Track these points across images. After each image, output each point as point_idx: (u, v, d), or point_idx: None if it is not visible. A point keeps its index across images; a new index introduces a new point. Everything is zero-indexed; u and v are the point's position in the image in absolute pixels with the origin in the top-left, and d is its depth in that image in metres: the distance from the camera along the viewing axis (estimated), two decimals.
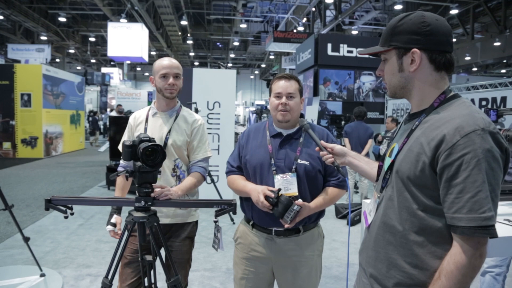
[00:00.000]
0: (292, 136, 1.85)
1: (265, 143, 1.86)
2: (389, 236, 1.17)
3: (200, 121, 2.17)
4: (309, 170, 1.80)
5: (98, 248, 4.13)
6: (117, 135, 7.28)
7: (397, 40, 1.16)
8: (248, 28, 24.73)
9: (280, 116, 1.82)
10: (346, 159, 1.51)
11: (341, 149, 1.53)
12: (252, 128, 1.98)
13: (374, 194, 1.32)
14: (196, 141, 2.11)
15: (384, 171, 1.26)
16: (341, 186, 1.84)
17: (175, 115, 2.11)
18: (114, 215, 2.06)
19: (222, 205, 1.73)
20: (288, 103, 1.80)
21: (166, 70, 2.01)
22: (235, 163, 1.94)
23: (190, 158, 2.12)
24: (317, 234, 1.92)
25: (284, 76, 1.86)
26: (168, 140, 2.04)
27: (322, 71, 12.19)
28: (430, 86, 1.17)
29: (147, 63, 27.80)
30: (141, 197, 1.69)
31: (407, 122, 1.25)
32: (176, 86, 2.06)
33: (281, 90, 1.81)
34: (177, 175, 2.08)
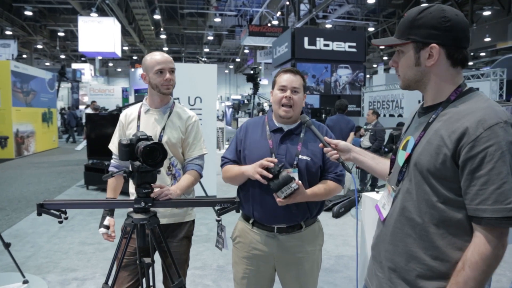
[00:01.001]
0: (292, 131, 1.82)
1: (265, 137, 1.83)
2: (408, 229, 1.16)
3: (195, 117, 2.11)
4: (310, 165, 1.78)
5: (82, 251, 3.98)
6: (94, 133, 7.03)
7: (416, 33, 1.14)
8: (222, 22, 24.50)
9: (282, 112, 1.78)
10: (351, 155, 1.50)
11: (346, 145, 1.51)
12: (251, 122, 1.94)
13: (388, 188, 1.30)
14: (191, 138, 2.05)
15: (399, 164, 1.25)
16: (339, 181, 1.82)
17: (168, 112, 2.04)
18: (107, 217, 1.97)
19: (224, 203, 1.67)
20: (293, 97, 1.77)
21: (162, 66, 1.93)
22: (231, 156, 1.89)
23: (185, 155, 2.06)
24: (318, 229, 1.91)
25: (290, 70, 1.82)
26: (162, 137, 1.97)
27: (299, 64, 12.24)
28: (446, 81, 1.16)
29: (119, 59, 27.05)
30: (141, 198, 1.61)
31: (421, 115, 1.24)
32: (173, 81, 1.99)
33: (286, 83, 1.78)
34: (173, 173, 2.01)
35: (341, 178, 1.83)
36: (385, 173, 1.45)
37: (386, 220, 1.26)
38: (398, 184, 1.22)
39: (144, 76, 1.98)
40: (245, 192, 1.87)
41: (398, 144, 1.32)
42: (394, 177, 1.26)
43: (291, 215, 1.77)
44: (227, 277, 3.37)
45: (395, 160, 1.30)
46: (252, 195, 1.82)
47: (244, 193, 1.88)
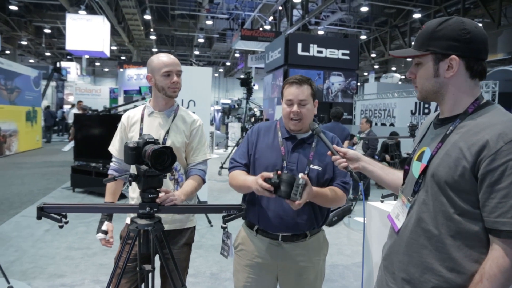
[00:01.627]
0: (305, 140, 1.83)
1: (277, 144, 1.83)
2: (424, 240, 1.17)
3: (199, 121, 2.11)
4: (321, 176, 1.78)
5: (69, 256, 3.90)
6: (81, 134, 6.92)
7: (435, 45, 1.16)
8: (213, 25, 24.51)
9: (292, 126, 1.79)
10: (360, 164, 1.50)
11: (355, 154, 1.52)
12: (262, 126, 1.93)
13: (402, 198, 1.32)
14: (195, 142, 2.04)
15: (413, 175, 1.26)
16: (345, 189, 1.82)
17: (173, 115, 2.03)
18: (105, 221, 1.94)
19: (231, 210, 1.67)
20: (300, 111, 1.76)
21: (170, 68, 1.92)
22: (242, 159, 1.87)
23: (189, 160, 2.05)
24: (323, 238, 1.91)
25: (295, 81, 1.79)
26: (166, 141, 1.95)
27: (292, 70, 12.30)
28: (464, 92, 1.18)
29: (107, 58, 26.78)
30: (146, 203, 1.60)
31: (437, 126, 1.26)
32: (179, 84, 1.98)
33: (292, 97, 1.77)
34: (176, 178, 2.00)
35: (347, 187, 1.83)
36: (394, 184, 1.47)
37: (401, 230, 1.27)
38: (414, 195, 1.23)
39: (149, 78, 1.97)
40: (251, 198, 1.87)
41: (412, 155, 1.34)
42: (409, 187, 1.27)
43: (297, 224, 1.77)
44: (221, 285, 3.34)
45: (409, 170, 1.31)
46: (259, 201, 1.82)
47: (250, 200, 1.87)
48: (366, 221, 2.46)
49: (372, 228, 2.08)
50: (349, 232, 5.10)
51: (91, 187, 6.65)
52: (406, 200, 1.28)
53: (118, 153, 2.07)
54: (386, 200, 2.27)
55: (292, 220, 1.76)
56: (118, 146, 2.07)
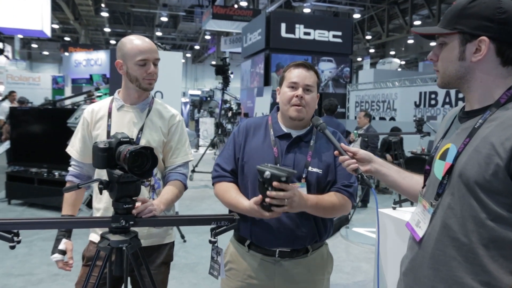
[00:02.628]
0: (302, 138, 1.85)
1: (269, 144, 1.84)
2: (452, 251, 1.20)
3: (179, 117, 2.11)
4: (321, 179, 1.80)
5: (7, 285, 3.79)
6: (18, 132, 6.72)
7: (464, 23, 1.20)
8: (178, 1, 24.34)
9: (293, 112, 1.80)
10: (372, 166, 1.52)
11: (366, 154, 1.54)
12: (251, 124, 1.94)
13: (423, 203, 1.35)
14: (174, 141, 2.05)
15: (435, 176, 1.30)
16: (349, 194, 1.84)
17: (147, 109, 2.03)
18: (63, 239, 1.91)
19: (221, 222, 1.68)
20: (304, 97, 1.79)
21: (146, 56, 1.91)
22: (228, 165, 1.88)
23: (167, 162, 2.05)
24: (327, 254, 1.94)
25: (302, 63, 1.84)
26: (140, 140, 1.95)
27: (275, 55, 12.38)
28: (494, 81, 1.22)
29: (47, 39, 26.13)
30: (120, 215, 1.59)
31: (463, 119, 1.30)
32: (156, 75, 1.98)
33: (298, 80, 1.80)
34: (151, 184, 1.99)
35: (352, 191, 1.84)
36: (413, 190, 1.49)
37: (423, 240, 1.30)
38: (437, 198, 1.26)
39: (119, 65, 1.95)
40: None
41: (434, 153, 1.37)
42: (431, 190, 1.31)
43: (297, 237, 1.79)
44: None
45: (430, 171, 1.35)
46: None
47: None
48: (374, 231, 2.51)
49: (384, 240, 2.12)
50: (347, 245, 5.19)
51: (32, 198, 6.49)
52: (428, 205, 1.31)
53: (80, 155, 2.05)
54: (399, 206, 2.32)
55: (290, 232, 1.77)
56: (79, 146, 2.05)
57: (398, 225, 2.10)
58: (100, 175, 1.94)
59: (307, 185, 1.78)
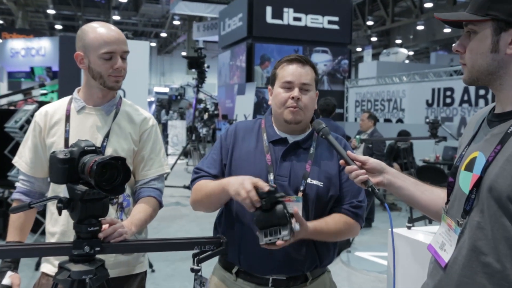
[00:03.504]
0: (300, 144, 1.88)
1: (261, 150, 1.87)
2: (482, 278, 1.23)
3: (152, 120, 2.12)
4: (322, 194, 1.83)
5: None
6: None
7: (499, 9, 1.23)
8: None
9: (289, 115, 1.83)
10: (385, 178, 1.54)
11: (378, 164, 1.56)
12: (241, 127, 1.97)
13: (447, 222, 1.38)
14: (147, 150, 2.06)
15: (461, 189, 1.33)
16: (356, 216, 1.87)
17: (114, 112, 2.04)
18: (8, 271, 1.89)
19: (205, 246, 1.69)
20: (301, 98, 1.82)
21: (112, 47, 1.91)
22: (212, 169, 1.89)
23: (138, 176, 2.06)
24: (329, 283, 1.97)
25: (297, 58, 1.87)
26: (105, 149, 1.96)
27: (259, 46, 12.47)
28: None
29: None
30: (83, 240, 1.58)
31: (493, 123, 1.33)
32: (125, 71, 1.99)
33: (293, 79, 1.83)
34: (119, 202, 2.00)
35: (359, 212, 1.87)
36: (434, 206, 1.53)
37: (449, 265, 1.33)
38: (465, 216, 1.29)
39: (80, 58, 1.96)
40: (227, 227, 1.89)
41: (458, 162, 1.40)
42: (457, 207, 1.34)
43: (293, 261, 1.81)
44: None
45: (455, 183, 1.38)
46: (239, 230, 1.84)
47: (225, 229, 1.90)
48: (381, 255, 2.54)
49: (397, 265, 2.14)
50: (349, 273, 5.24)
51: None
52: (453, 224, 1.34)
53: (30, 168, 2.04)
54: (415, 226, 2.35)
55: (286, 256, 1.79)
56: (30, 157, 2.04)
57: (414, 247, 2.13)
58: (56, 192, 1.93)
59: (304, 199, 1.80)
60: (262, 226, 1.61)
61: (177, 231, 6.61)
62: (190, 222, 7.11)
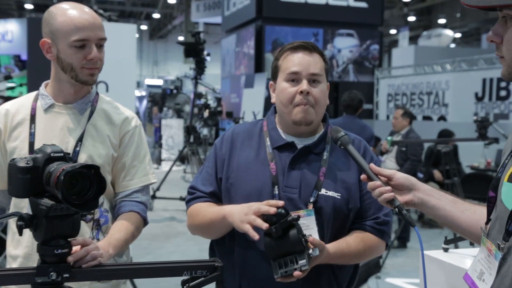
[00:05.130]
0: (311, 149, 1.89)
1: (264, 158, 1.89)
2: None
3: (135, 120, 2.14)
4: (340, 207, 1.85)
5: None
6: None
7: None
8: None
9: (298, 114, 1.84)
10: (415, 195, 1.55)
11: (406, 179, 1.57)
12: (239, 131, 1.99)
13: (487, 245, 1.38)
14: (129, 156, 2.08)
15: (503, 205, 1.33)
16: (381, 233, 1.89)
17: (89, 110, 2.06)
18: None
19: (197, 271, 1.69)
20: (312, 92, 1.83)
21: (86, 34, 1.92)
22: (208, 187, 1.92)
23: (118, 187, 2.08)
24: None
25: (302, 45, 1.88)
26: (79, 155, 1.97)
27: (270, 28, 12.48)
28: None
29: None
30: (49, 265, 1.59)
31: None
32: (101, 62, 2.00)
33: (300, 69, 1.84)
34: (95, 218, 2.01)
35: (385, 229, 1.89)
36: (475, 228, 1.52)
37: None
38: (507, 238, 1.29)
39: (47, 46, 1.97)
40: (225, 248, 1.91)
41: (501, 173, 1.39)
42: (498, 227, 1.33)
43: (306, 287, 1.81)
44: None
45: (496, 199, 1.38)
46: (240, 252, 1.86)
47: (223, 250, 1.92)
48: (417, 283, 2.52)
49: None
50: None
51: None
52: (494, 248, 1.33)
53: None
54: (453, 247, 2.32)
55: (297, 283, 1.78)
56: None
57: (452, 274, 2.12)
58: (18, 207, 1.95)
59: (319, 214, 1.81)
60: (274, 256, 1.63)
61: (172, 253, 6.64)
62: (187, 242, 7.13)
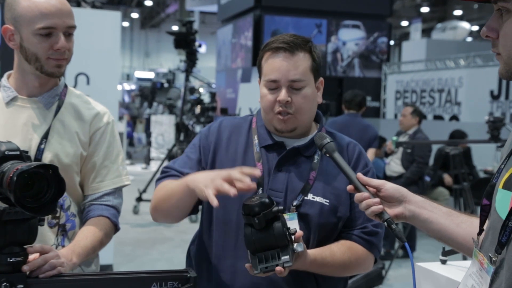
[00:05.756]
0: (300, 150, 1.89)
1: (251, 157, 1.90)
2: None
3: (107, 116, 2.14)
4: (328, 215, 1.85)
5: None
6: None
7: None
8: None
9: (279, 124, 1.85)
10: (406, 208, 1.56)
11: (396, 190, 1.57)
12: (227, 125, 2.00)
13: (478, 258, 1.37)
14: (99, 155, 2.08)
15: (497, 214, 1.31)
16: (369, 244, 1.89)
17: (56, 105, 2.04)
18: None
19: (167, 282, 1.67)
20: (292, 100, 1.83)
21: (52, 21, 1.92)
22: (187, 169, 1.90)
23: (87, 189, 2.08)
24: None
25: (283, 46, 1.85)
26: (43, 153, 1.96)
27: (270, 18, 12.49)
28: None
29: None
30: (2, 275, 1.58)
31: None
32: (69, 52, 1.99)
33: (278, 76, 1.83)
34: (60, 223, 2.01)
35: (374, 241, 1.89)
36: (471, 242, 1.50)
37: None
38: (500, 251, 1.27)
39: (9, 33, 1.97)
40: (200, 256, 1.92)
41: (496, 179, 1.38)
42: (491, 238, 1.32)
43: None
44: None
45: (490, 207, 1.37)
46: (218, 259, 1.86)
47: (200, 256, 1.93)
48: None
49: None
50: None
51: None
52: (485, 261, 1.32)
53: None
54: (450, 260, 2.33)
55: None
56: None
57: None
58: None
59: (304, 222, 1.82)
60: (255, 249, 1.59)
61: (157, 260, 6.65)
62: (175, 248, 7.15)
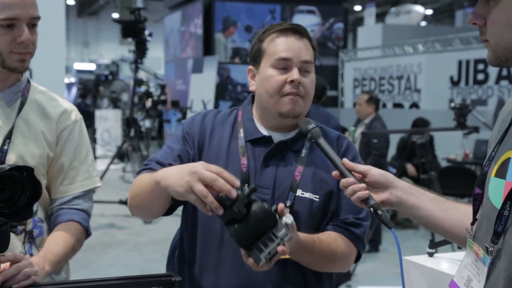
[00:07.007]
0: (288, 145, 1.91)
1: (235, 152, 1.91)
2: None
3: (75, 114, 2.14)
4: (318, 211, 1.88)
5: None
6: None
7: None
8: None
9: (287, 105, 1.85)
10: (392, 194, 1.58)
11: (383, 176, 1.60)
12: (211, 117, 2.00)
13: (473, 248, 1.40)
14: (68, 156, 2.08)
15: (491, 203, 1.35)
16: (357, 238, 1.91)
17: (19, 102, 2.04)
18: None
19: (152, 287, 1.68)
20: (303, 82, 1.84)
21: (15, 12, 1.91)
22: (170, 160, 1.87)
23: (55, 192, 2.08)
24: None
25: (291, 27, 1.88)
26: (6, 154, 1.96)
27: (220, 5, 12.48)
28: None
29: None
30: None
31: None
32: (33, 46, 2.00)
33: (291, 55, 1.85)
34: (27, 230, 2.00)
35: (360, 234, 1.91)
36: (459, 230, 1.54)
37: None
38: (496, 241, 1.31)
39: None
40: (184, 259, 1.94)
41: (487, 167, 1.42)
42: (485, 228, 1.36)
43: None
44: None
45: (483, 196, 1.41)
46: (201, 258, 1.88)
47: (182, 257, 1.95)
48: None
49: None
50: None
51: None
52: (481, 252, 1.35)
53: None
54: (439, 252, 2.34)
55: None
56: None
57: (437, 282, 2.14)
58: None
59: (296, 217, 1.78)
60: (248, 242, 1.54)
61: (111, 265, 6.58)
62: (129, 252, 7.09)
